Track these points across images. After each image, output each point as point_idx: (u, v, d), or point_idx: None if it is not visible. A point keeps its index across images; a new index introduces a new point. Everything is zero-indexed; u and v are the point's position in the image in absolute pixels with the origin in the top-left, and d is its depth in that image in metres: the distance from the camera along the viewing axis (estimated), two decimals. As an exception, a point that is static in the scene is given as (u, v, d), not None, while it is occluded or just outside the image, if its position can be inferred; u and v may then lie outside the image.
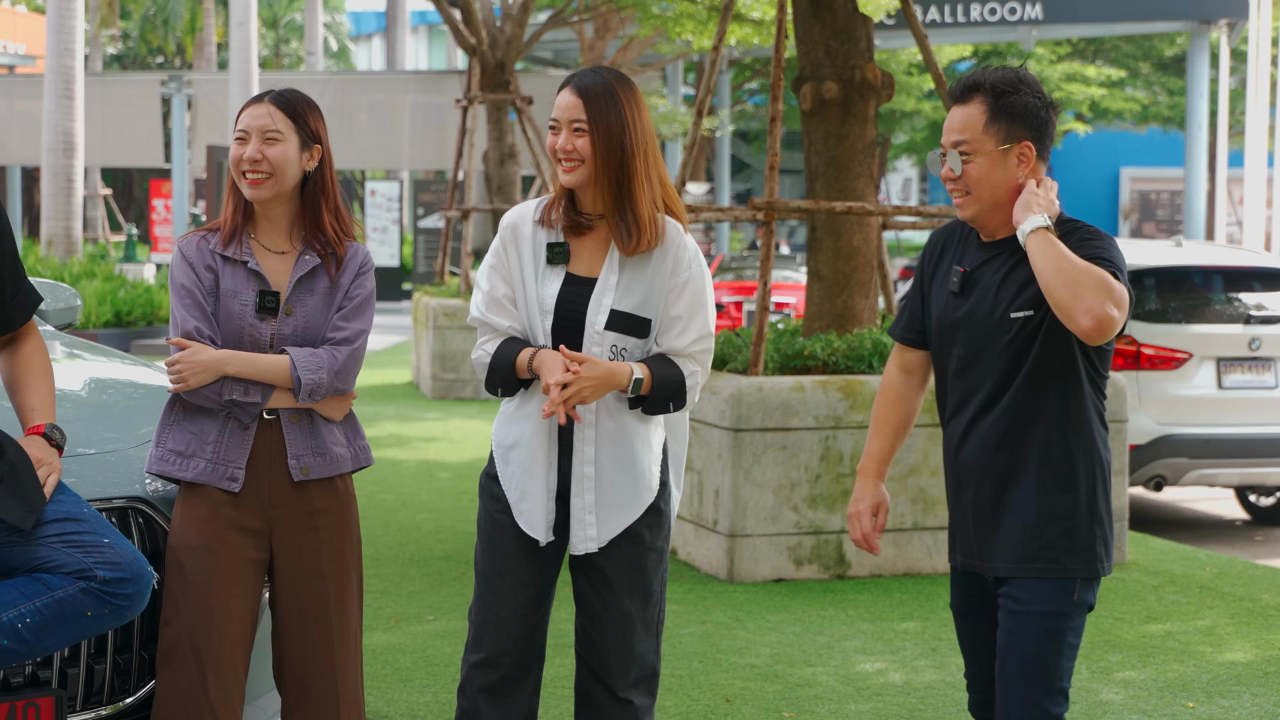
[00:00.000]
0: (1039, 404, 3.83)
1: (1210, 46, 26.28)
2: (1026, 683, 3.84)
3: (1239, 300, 10.61)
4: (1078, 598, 3.84)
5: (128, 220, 47.75)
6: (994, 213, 3.88)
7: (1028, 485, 3.85)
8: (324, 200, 4.17)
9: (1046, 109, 3.87)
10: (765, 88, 36.97)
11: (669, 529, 4.23)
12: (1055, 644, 3.83)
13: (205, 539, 4.01)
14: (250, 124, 4.10)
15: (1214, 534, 10.80)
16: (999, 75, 3.86)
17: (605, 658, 4.16)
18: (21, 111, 31.14)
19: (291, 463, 4.08)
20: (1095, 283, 3.64)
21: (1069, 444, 3.83)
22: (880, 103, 9.08)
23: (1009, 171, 3.85)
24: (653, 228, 4.07)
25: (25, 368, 4.02)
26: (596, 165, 4.04)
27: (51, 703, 3.84)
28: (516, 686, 4.19)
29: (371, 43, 66.28)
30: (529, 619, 4.17)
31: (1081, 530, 3.83)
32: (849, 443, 8.12)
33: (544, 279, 4.10)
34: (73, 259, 21.99)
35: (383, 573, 8.17)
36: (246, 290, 4.08)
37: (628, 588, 4.14)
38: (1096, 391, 3.87)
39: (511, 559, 4.15)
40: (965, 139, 3.86)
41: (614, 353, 4.06)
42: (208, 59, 43.47)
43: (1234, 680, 6.44)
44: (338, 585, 4.12)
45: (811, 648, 6.83)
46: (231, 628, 4.00)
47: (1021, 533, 3.85)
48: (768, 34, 18.39)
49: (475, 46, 18.40)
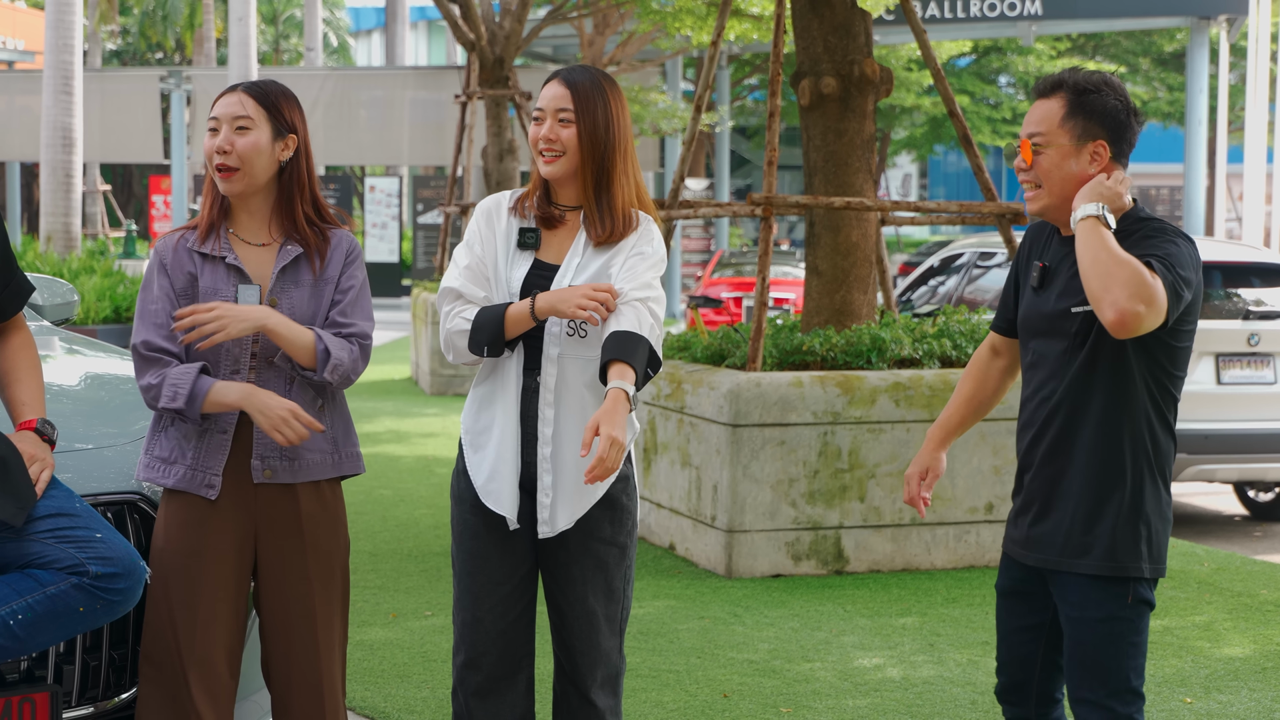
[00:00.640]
0: (1091, 399, 3.84)
1: (1210, 42, 26.25)
2: (1091, 685, 3.86)
3: (1238, 296, 10.60)
4: (1132, 599, 3.84)
5: (127, 216, 47.74)
6: (1063, 207, 3.90)
7: (1074, 481, 3.87)
8: (298, 190, 4.12)
9: (1128, 114, 3.88)
10: (765, 83, 36.96)
11: (633, 524, 4.21)
12: (1115, 645, 3.84)
13: (189, 543, 3.98)
14: (221, 113, 4.06)
15: (1212, 529, 10.80)
16: (1084, 75, 3.89)
17: (574, 656, 4.17)
18: (21, 107, 31.13)
19: (255, 463, 4.02)
20: (1127, 276, 3.62)
21: (1119, 441, 3.83)
22: (879, 98, 9.07)
23: (1080, 168, 3.86)
24: (625, 221, 4.11)
25: (14, 361, 4.00)
26: (580, 156, 4.08)
27: (47, 698, 3.83)
28: (507, 686, 4.19)
29: (371, 38, 66.26)
30: (507, 616, 4.17)
31: (1124, 529, 3.83)
32: (847, 438, 8.11)
33: (513, 263, 4.13)
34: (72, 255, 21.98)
35: (380, 568, 8.16)
36: (226, 286, 4.03)
37: (591, 584, 4.14)
38: (1160, 390, 3.86)
39: (483, 558, 4.15)
40: (1041, 131, 3.88)
41: (571, 327, 4.06)
42: (207, 55, 43.46)
43: (1232, 675, 6.43)
44: (323, 589, 4.09)
45: (809, 643, 6.82)
46: (214, 631, 3.97)
47: (1068, 527, 3.87)
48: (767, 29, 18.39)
49: (474, 42, 18.38)
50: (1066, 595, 3.90)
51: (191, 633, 3.95)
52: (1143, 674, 3.89)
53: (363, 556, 8.43)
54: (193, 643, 3.95)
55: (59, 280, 6.17)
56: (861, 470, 8.15)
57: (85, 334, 6.82)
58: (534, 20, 22.05)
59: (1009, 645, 4.10)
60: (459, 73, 27.34)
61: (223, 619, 3.99)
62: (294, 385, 4.05)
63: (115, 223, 42.30)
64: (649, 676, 6.29)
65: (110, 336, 17.68)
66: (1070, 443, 3.87)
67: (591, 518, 4.12)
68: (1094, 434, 3.84)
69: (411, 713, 5.82)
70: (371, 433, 13.50)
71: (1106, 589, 3.84)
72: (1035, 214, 3.97)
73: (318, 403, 4.09)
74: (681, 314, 28.90)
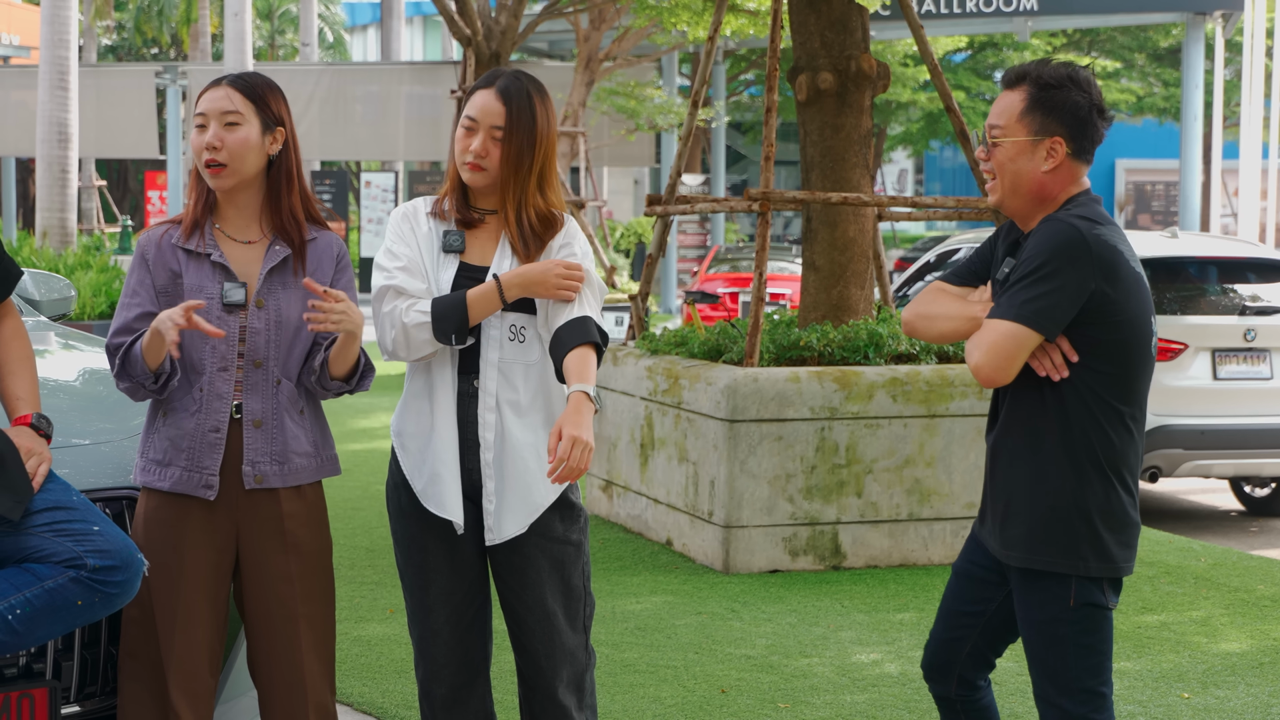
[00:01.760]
0: (1038, 399, 3.80)
1: (1205, 38, 26.25)
2: (1042, 684, 3.85)
3: (1234, 291, 10.61)
4: (1075, 601, 3.78)
5: (122, 212, 47.67)
6: (1015, 201, 3.86)
7: (1021, 478, 3.83)
8: (286, 185, 4.06)
9: (1092, 112, 3.81)
10: (760, 79, 36.93)
11: (584, 520, 4.19)
12: (1059, 647, 3.80)
13: (170, 540, 3.95)
14: (208, 108, 3.99)
15: (1209, 525, 10.81)
16: (1050, 69, 3.83)
17: (537, 660, 4.14)
18: (16, 102, 31.09)
19: (246, 469, 3.98)
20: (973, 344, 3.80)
21: (1064, 440, 3.77)
22: (876, 93, 9.06)
23: (1034, 163, 3.81)
24: (546, 224, 4.11)
25: (6, 353, 3.95)
26: (504, 171, 4.07)
27: (45, 694, 3.83)
28: (467, 693, 4.20)
29: (366, 34, 66.19)
30: (461, 623, 4.16)
31: (1061, 527, 3.77)
32: (845, 433, 8.11)
33: (440, 266, 4.11)
34: (67, 250, 21.96)
35: (377, 564, 8.16)
36: (212, 284, 3.97)
37: (548, 585, 4.12)
38: (1108, 386, 3.76)
39: (433, 571, 4.14)
40: (999, 124, 3.85)
41: (513, 332, 4.06)
42: (202, 50, 43.39)
43: (1229, 671, 6.43)
44: (306, 589, 4.05)
45: (807, 638, 6.82)
46: (194, 631, 3.95)
47: (1011, 523, 3.85)
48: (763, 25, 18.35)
49: (470, 37, 18.36)
50: (1015, 594, 3.89)
51: (171, 632, 3.93)
52: (1100, 673, 3.80)
53: (360, 552, 8.42)
54: (172, 642, 3.93)
55: (55, 275, 6.16)
56: (859, 465, 8.15)
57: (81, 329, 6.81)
58: (530, 15, 22.03)
59: (945, 625, 4.08)
60: (454, 68, 27.31)
61: (202, 619, 3.96)
62: (280, 387, 4.01)
63: (111, 218, 42.23)
64: (646, 672, 6.28)
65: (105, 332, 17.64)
66: (1019, 440, 3.84)
67: (541, 519, 4.09)
68: (1041, 433, 3.80)
69: (409, 708, 5.81)
70: (367, 428, 13.49)
71: (1047, 590, 3.79)
72: (993, 205, 3.94)
73: (299, 405, 4.05)
74: (678, 309, 28.90)
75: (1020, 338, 3.69)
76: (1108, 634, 3.83)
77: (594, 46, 23.85)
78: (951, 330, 3.94)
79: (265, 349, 3.99)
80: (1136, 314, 3.75)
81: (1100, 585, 3.79)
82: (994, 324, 3.73)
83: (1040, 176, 3.81)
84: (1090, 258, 3.68)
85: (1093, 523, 3.77)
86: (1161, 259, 10.59)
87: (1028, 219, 3.88)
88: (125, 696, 3.98)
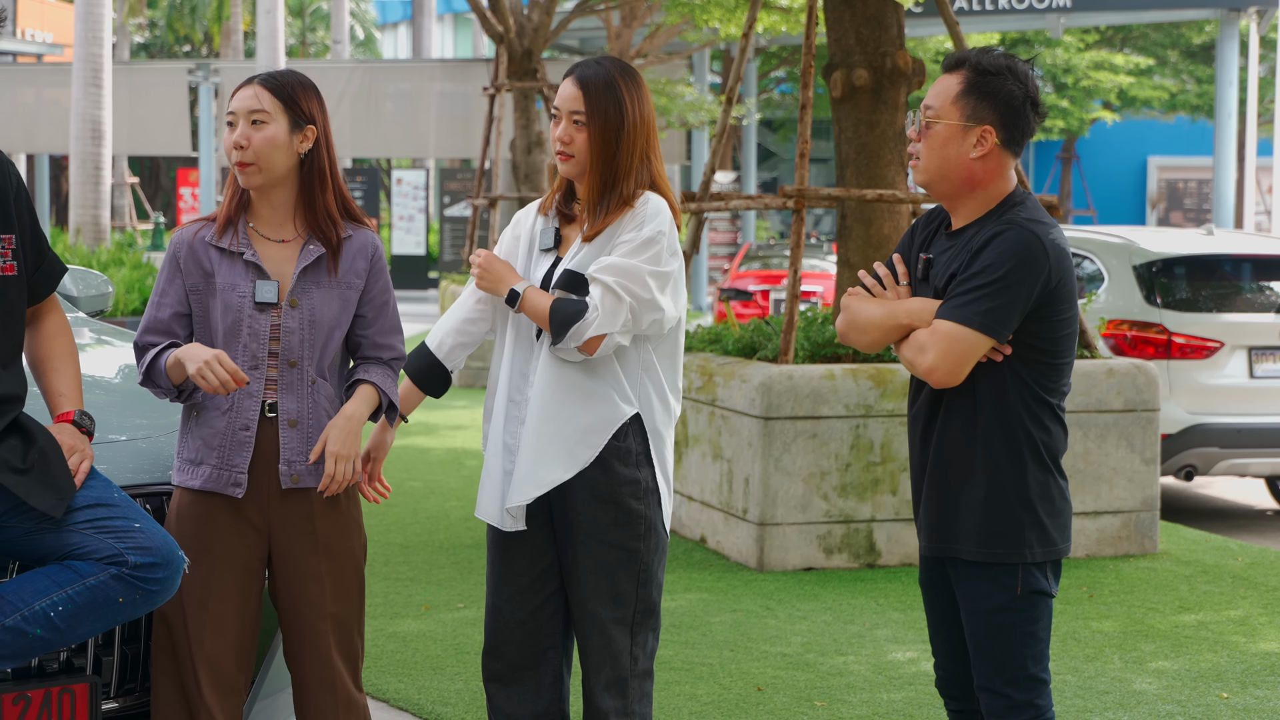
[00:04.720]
0: (967, 389, 3.82)
1: (1239, 34, 26.10)
2: (987, 674, 3.87)
3: (1270, 289, 10.55)
4: (1022, 589, 3.82)
5: (155, 209, 47.87)
6: (943, 185, 3.86)
7: (954, 472, 3.86)
8: (319, 183, 4.05)
9: (1025, 103, 3.82)
10: (792, 76, 36.86)
11: (647, 528, 4.13)
12: (1006, 636, 3.83)
13: (201, 538, 3.96)
14: (238, 106, 3.99)
15: (1245, 524, 10.75)
16: (990, 56, 3.83)
17: (583, 657, 4.19)
18: (50, 100, 31.22)
19: (282, 468, 3.98)
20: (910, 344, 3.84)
21: (994, 431, 3.81)
22: (911, 90, 9.04)
23: (964, 149, 3.82)
24: (620, 205, 4.08)
25: (50, 349, 3.93)
26: (591, 157, 4.08)
27: (86, 689, 3.84)
28: (529, 676, 4.21)
29: (398, 31, 66.28)
30: (526, 607, 4.19)
31: (1005, 517, 3.81)
32: (880, 431, 8.09)
33: (536, 264, 4.19)
34: (100, 247, 22.03)
35: (412, 560, 8.17)
36: (245, 282, 3.97)
37: (592, 588, 4.12)
38: (1041, 377, 3.81)
39: (503, 548, 4.22)
40: (933, 106, 3.85)
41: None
42: (234, 48, 43.54)
43: (1268, 670, 6.40)
44: (336, 588, 4.05)
45: (843, 636, 6.80)
46: (225, 629, 3.96)
47: (948, 518, 3.88)
48: (795, 22, 18.33)
49: (502, 34, 18.38)
50: (959, 586, 3.90)
51: (201, 628, 3.94)
52: (1042, 660, 3.86)
53: (394, 549, 8.44)
54: (202, 639, 3.94)
55: (93, 271, 6.17)
56: (894, 463, 8.13)
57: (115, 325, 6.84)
58: (562, 12, 22.02)
59: (937, 636, 4.09)
60: (485, 65, 27.34)
61: (233, 616, 3.97)
62: (315, 386, 4.02)
63: (143, 215, 42.43)
64: (682, 669, 6.28)
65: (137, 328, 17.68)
66: (949, 432, 3.86)
67: (594, 518, 4.09)
68: (971, 424, 3.83)
69: (445, 704, 5.82)
70: (400, 426, 13.50)
71: (995, 579, 3.83)
72: (919, 184, 3.95)
73: (336, 406, 4.07)
74: (709, 306, 28.87)
75: (979, 345, 3.75)
76: (1048, 622, 3.90)
77: (625, 43, 23.85)
78: (883, 339, 3.95)
79: (299, 348, 3.99)
80: (1074, 312, 3.85)
81: (1044, 570, 3.86)
82: (951, 329, 3.75)
83: (969, 163, 3.82)
84: (1048, 264, 3.76)
85: (1035, 510, 3.83)
86: (1198, 256, 10.54)
87: (954, 203, 3.89)
88: (157, 692, 4.00)
